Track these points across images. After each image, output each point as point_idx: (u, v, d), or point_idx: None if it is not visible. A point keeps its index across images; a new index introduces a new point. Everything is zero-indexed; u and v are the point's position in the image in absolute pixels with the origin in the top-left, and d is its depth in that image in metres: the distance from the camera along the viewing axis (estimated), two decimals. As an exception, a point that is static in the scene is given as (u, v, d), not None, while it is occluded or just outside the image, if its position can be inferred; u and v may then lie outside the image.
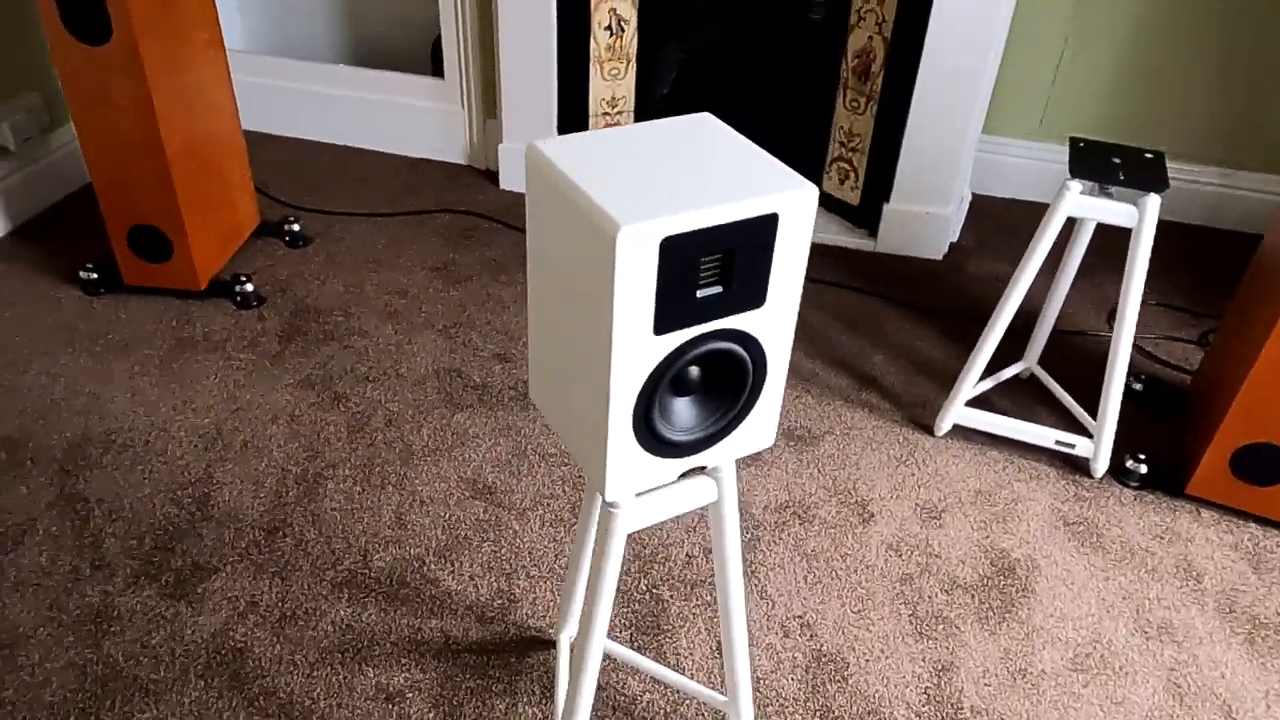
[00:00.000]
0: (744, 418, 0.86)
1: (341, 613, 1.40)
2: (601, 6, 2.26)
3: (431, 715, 1.28)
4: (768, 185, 0.75)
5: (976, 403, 1.83)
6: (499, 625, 1.40)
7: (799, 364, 1.95)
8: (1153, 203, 1.46)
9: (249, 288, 2.01)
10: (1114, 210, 1.49)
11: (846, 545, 1.56)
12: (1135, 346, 2.05)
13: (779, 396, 0.87)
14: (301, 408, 1.76)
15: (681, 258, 0.72)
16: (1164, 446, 1.77)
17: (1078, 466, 1.74)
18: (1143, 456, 1.69)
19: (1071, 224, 1.73)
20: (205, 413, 1.74)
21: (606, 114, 2.41)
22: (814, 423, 1.81)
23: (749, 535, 1.57)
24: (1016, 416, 1.77)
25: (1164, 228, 2.48)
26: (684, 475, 0.89)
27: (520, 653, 1.36)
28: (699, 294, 0.75)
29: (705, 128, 0.83)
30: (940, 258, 2.33)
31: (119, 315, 1.96)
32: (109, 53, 1.71)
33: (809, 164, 2.43)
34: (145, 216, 1.90)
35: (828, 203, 2.44)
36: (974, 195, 2.55)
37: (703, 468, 0.90)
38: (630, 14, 2.30)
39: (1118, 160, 1.51)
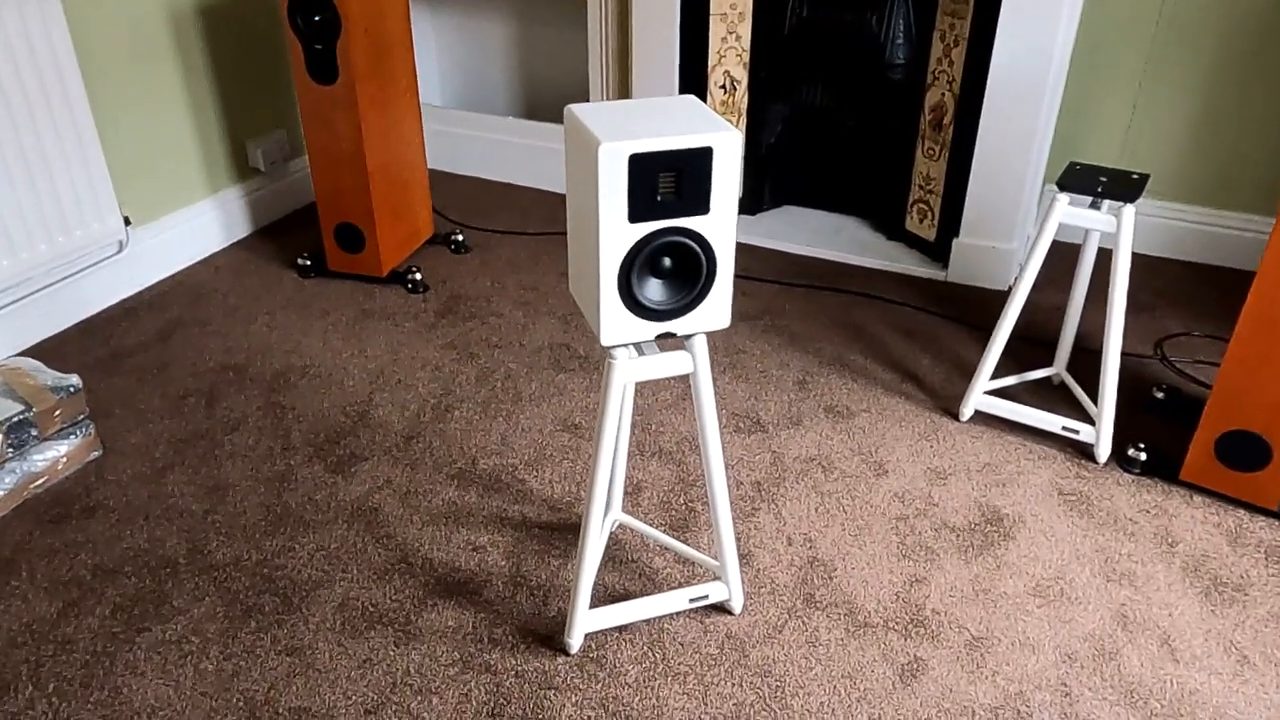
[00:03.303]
0: (702, 299, 1.25)
1: (450, 494, 1.85)
2: (718, 68, 2.73)
3: (503, 563, 1.69)
4: (706, 129, 1.15)
5: (1004, 397, 2.09)
6: (564, 514, 1.81)
7: (851, 359, 2.28)
8: (1128, 212, 1.73)
9: (418, 277, 2.56)
10: (1095, 218, 1.77)
11: (858, 490, 1.87)
12: (1168, 363, 2.24)
13: (729, 286, 1.26)
14: (444, 361, 2.27)
15: (645, 170, 1.14)
16: (1172, 444, 1.97)
17: (1086, 454, 1.96)
18: (1143, 445, 1.91)
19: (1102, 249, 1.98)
20: (373, 359, 2.27)
21: (720, 159, 2.85)
22: (854, 403, 2.13)
23: (778, 476, 1.91)
24: (1039, 410, 2.02)
25: (1229, 274, 2.63)
26: (661, 339, 1.28)
27: (577, 531, 1.76)
28: (659, 198, 1.16)
29: (686, 102, 1.25)
30: (1005, 288, 2.59)
31: (322, 291, 2.56)
32: (335, 91, 2.33)
33: (894, 205, 2.77)
34: (348, 215, 2.50)
35: (909, 239, 2.77)
36: (1048, 239, 2.80)
37: (682, 344, 1.28)
38: (742, 75, 2.76)
39: (1104, 179, 1.79)
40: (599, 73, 2.94)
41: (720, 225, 1.20)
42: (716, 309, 1.26)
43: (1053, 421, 1.97)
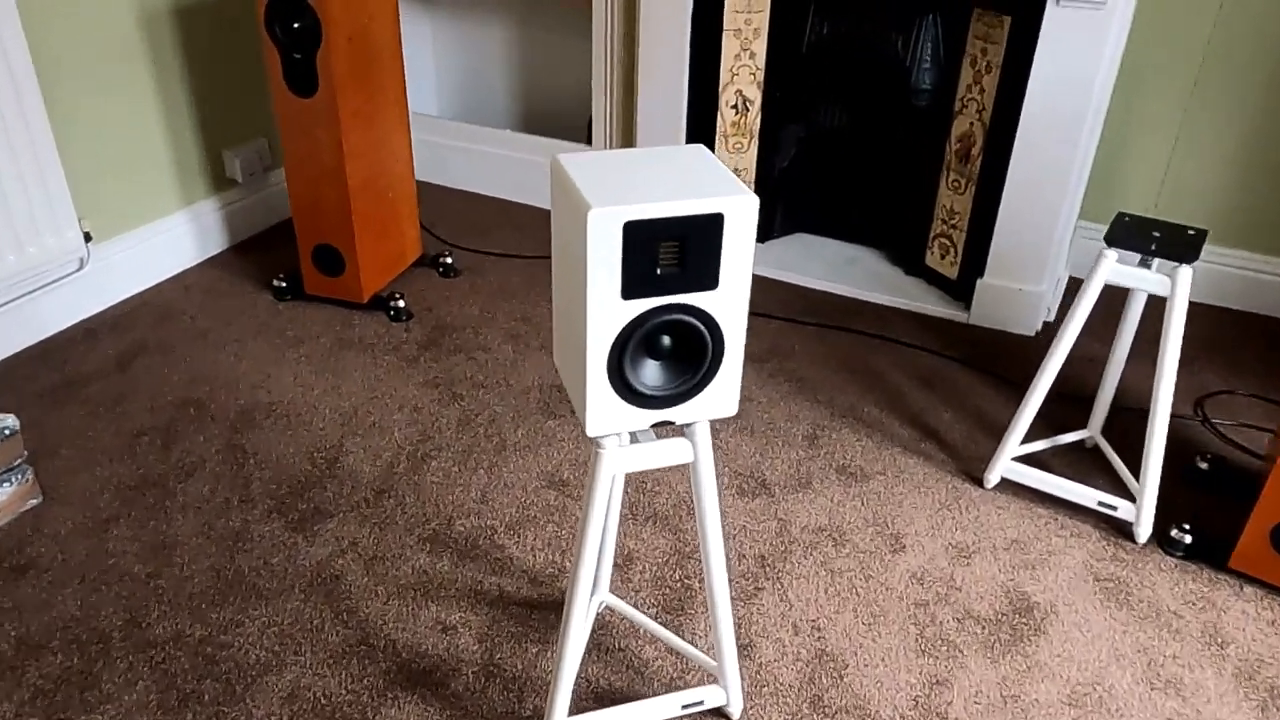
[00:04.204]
0: (707, 384, 1.07)
1: (421, 561, 1.68)
2: (730, 87, 2.55)
3: (475, 648, 1.51)
4: (717, 192, 0.97)
5: (1034, 462, 1.91)
6: (546, 589, 1.63)
7: (865, 411, 2.09)
8: (1184, 273, 1.55)
9: (401, 304, 2.38)
10: (1147, 279, 1.59)
11: (872, 568, 1.69)
12: (1211, 426, 2.06)
13: (738, 370, 1.08)
14: (424, 402, 2.09)
15: (643, 240, 0.96)
16: (1218, 522, 1.79)
17: (1123, 532, 1.78)
18: (1187, 526, 1.72)
19: (1144, 299, 1.81)
20: (347, 397, 2.09)
21: (729, 183, 2.67)
22: (868, 463, 1.95)
23: (783, 549, 1.73)
24: (1072, 479, 1.84)
25: (1275, 324, 2.45)
26: (657, 426, 1.10)
27: (559, 611, 1.58)
28: (659, 271, 0.98)
29: (693, 154, 1.07)
30: (1033, 334, 2.41)
31: (298, 316, 2.38)
32: (314, 104, 2.14)
33: (914, 238, 2.59)
34: (327, 236, 2.32)
35: (929, 275, 2.58)
36: (1075, 279, 2.62)
37: (680, 431, 1.11)
38: (755, 95, 2.57)
39: (1157, 234, 1.61)
40: (603, 89, 2.76)
41: (731, 303, 1.02)
42: (723, 395, 1.08)
43: (1087, 495, 1.79)
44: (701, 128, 2.59)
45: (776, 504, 1.83)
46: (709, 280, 1.00)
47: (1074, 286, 2.60)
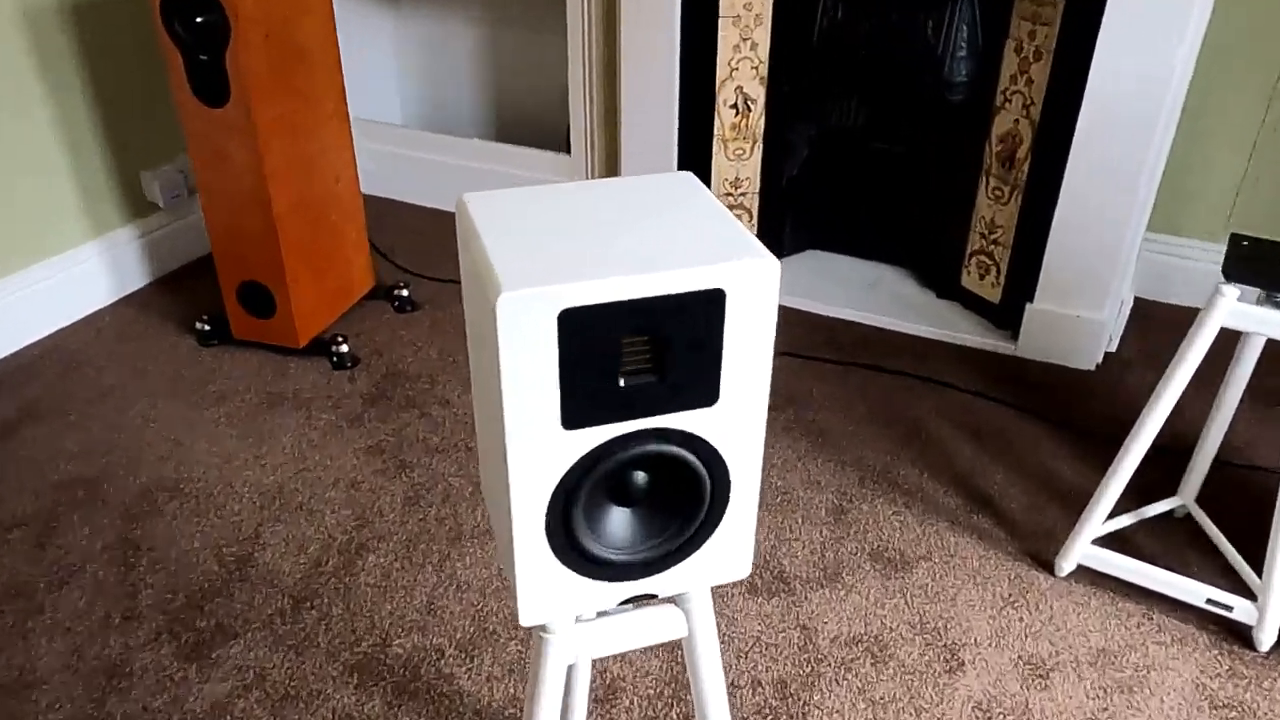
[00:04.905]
0: (704, 539, 0.70)
1: (345, 700, 1.31)
2: (727, 84, 2.18)
3: (408, 833, 1.15)
4: (713, 255, 0.60)
5: (1114, 541, 1.54)
6: (505, 738, 1.26)
7: (901, 473, 1.72)
8: (1334, 317, 1.18)
9: (344, 349, 2.01)
10: (1279, 324, 1.22)
11: (924, 697, 1.32)
12: (1330, 492, 1.68)
13: (752, 516, 0.71)
14: (364, 473, 1.72)
15: (594, 336, 0.59)
16: (1358, 622, 1.42)
17: (1238, 634, 1.41)
18: (1325, 632, 1.35)
19: (1236, 336, 1.44)
20: (272, 470, 1.72)
21: (730, 194, 2.31)
22: (909, 545, 1.57)
23: (809, 669, 1.36)
24: (1163, 563, 1.47)
25: (1384, 352, 2.08)
26: (631, 601, 0.73)
27: (519, 774, 1.22)
28: (622, 383, 0.61)
29: (677, 187, 0.70)
30: (1092, 368, 2.04)
31: (222, 366, 2.01)
32: (227, 114, 1.78)
33: (948, 256, 2.22)
34: (252, 273, 1.95)
35: (966, 299, 2.21)
36: (1141, 300, 2.25)
37: (654, 596, 0.74)
38: (758, 92, 2.20)
39: (1290, 263, 1.24)
40: (581, 89, 2.39)
41: (739, 423, 0.65)
42: (731, 553, 0.71)
43: (1194, 592, 1.41)
44: (696, 131, 2.22)
45: (798, 604, 1.46)
46: (703, 392, 0.63)
47: (1139, 309, 2.22)
